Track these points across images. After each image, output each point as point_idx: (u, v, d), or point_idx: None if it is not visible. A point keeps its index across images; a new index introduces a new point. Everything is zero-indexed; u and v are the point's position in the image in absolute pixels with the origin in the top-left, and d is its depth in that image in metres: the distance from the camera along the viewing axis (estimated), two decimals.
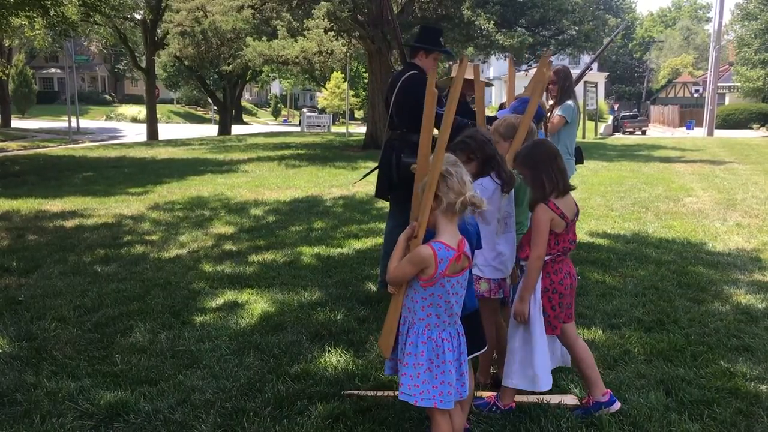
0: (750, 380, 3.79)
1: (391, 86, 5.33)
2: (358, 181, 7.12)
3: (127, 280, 5.88)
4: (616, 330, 4.60)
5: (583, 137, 28.63)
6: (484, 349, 3.22)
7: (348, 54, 22.63)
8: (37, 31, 24.51)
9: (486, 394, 3.58)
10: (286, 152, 20.45)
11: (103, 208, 9.75)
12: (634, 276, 5.96)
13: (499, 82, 61.23)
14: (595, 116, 35.75)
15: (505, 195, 3.52)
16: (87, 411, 3.46)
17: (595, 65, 41.77)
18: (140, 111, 48.02)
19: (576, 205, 3.44)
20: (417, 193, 2.90)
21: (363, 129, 33.93)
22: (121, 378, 3.83)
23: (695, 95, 62.78)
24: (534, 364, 3.30)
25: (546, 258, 3.30)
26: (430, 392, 2.76)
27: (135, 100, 61.21)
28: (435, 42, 5.30)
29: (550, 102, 6.26)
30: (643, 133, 43.55)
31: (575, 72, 7.15)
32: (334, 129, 41.17)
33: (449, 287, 2.74)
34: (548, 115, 6.12)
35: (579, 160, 6.68)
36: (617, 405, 3.41)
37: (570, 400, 3.54)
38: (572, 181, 7.10)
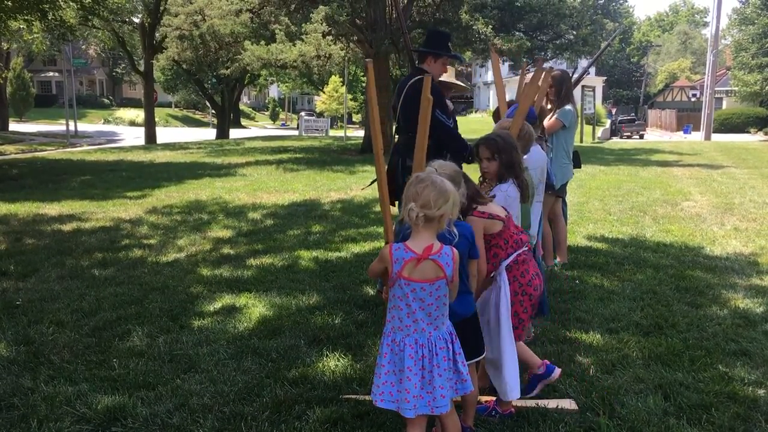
0: (748, 385, 3.80)
1: (398, 91, 5.34)
2: (367, 186, 7.07)
3: (124, 284, 5.87)
4: (614, 334, 4.60)
5: (581, 141, 28.69)
6: (482, 356, 3.21)
7: (346, 58, 22.65)
8: (35, 35, 24.53)
9: (484, 398, 3.58)
10: (284, 156, 20.47)
11: (101, 212, 9.74)
12: (632, 280, 5.96)
13: None
14: (593, 120, 35.79)
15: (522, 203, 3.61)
16: (84, 415, 3.45)
17: (592, 69, 41.86)
18: (138, 114, 48.00)
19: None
20: None
21: (361, 133, 33.96)
22: (119, 382, 3.83)
23: (693, 99, 62.94)
24: (504, 372, 3.30)
25: (508, 260, 3.33)
26: (394, 395, 2.77)
27: (133, 103, 61.17)
28: (444, 47, 5.30)
29: (548, 106, 6.27)
30: (641, 137, 43.60)
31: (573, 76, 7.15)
32: (332, 133, 41.21)
33: (408, 291, 2.72)
34: (549, 118, 6.15)
35: (577, 165, 6.70)
36: (557, 372, 3.52)
37: (568, 404, 3.54)
38: (570, 185, 7.16)
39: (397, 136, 5.50)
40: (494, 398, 3.49)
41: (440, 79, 6.19)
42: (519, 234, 3.43)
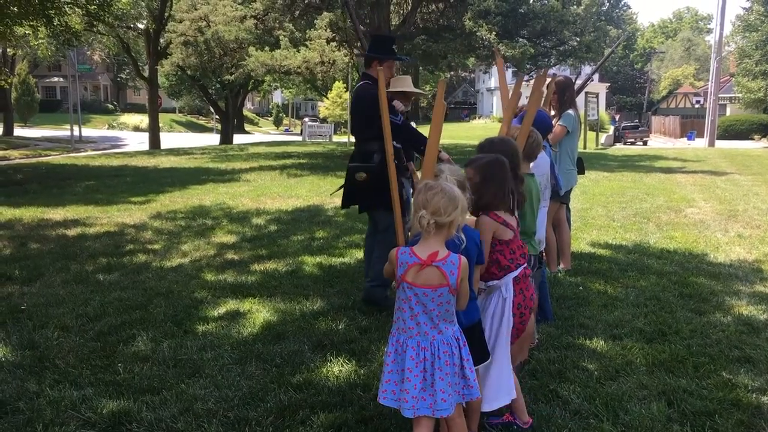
0: (752, 391, 3.80)
1: (351, 97, 5.42)
2: (334, 193, 6.88)
3: (129, 289, 5.89)
4: (617, 341, 4.61)
5: (585, 148, 28.66)
6: (487, 361, 3.21)
7: (350, 64, 22.70)
8: (40, 41, 24.67)
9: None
10: (288, 161, 20.49)
11: (106, 217, 9.77)
12: (635, 286, 5.96)
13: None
14: (596, 127, 35.81)
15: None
16: (90, 420, 3.46)
17: (596, 76, 41.91)
18: (142, 120, 48.18)
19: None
20: None
21: None
22: (124, 387, 3.84)
23: (696, 106, 62.92)
24: (492, 379, 3.29)
25: (517, 272, 3.34)
26: (396, 394, 2.81)
27: (137, 109, 61.39)
28: (387, 50, 5.33)
29: (552, 113, 6.29)
30: (645, 143, 43.63)
31: (577, 83, 7.17)
32: (335, 138, 41.24)
33: (411, 294, 2.76)
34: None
35: (580, 171, 6.71)
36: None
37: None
38: (574, 192, 7.16)
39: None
40: (509, 411, 3.45)
41: (396, 89, 6.28)
42: (524, 247, 3.45)
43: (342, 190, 5.51)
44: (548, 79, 6.37)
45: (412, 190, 6.20)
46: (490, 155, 3.48)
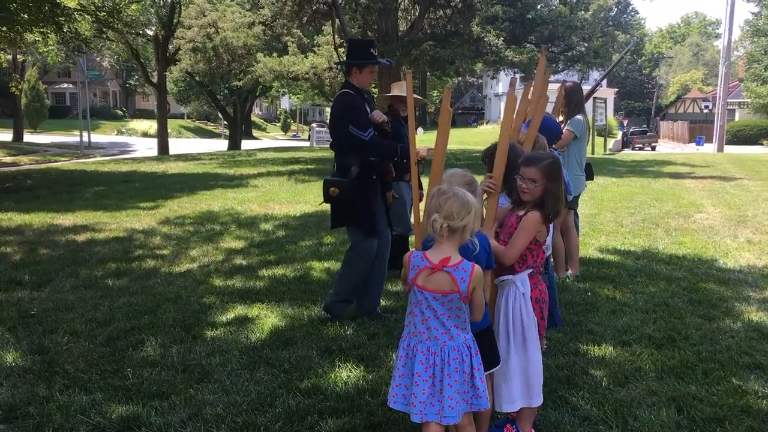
0: (762, 398, 3.77)
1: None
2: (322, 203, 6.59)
3: (138, 294, 5.92)
4: (626, 347, 4.59)
5: (593, 153, 28.60)
6: (498, 366, 3.19)
7: None
8: (50, 47, 24.81)
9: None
10: (296, 167, 20.53)
11: (114, 223, 9.82)
12: (644, 292, 5.94)
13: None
14: (605, 132, 35.72)
15: None
16: (99, 424, 3.47)
17: (604, 81, 41.84)
18: (151, 126, 48.39)
19: None
20: None
21: None
22: (133, 392, 3.85)
23: (705, 111, 62.68)
24: (531, 378, 3.28)
25: (531, 270, 3.32)
26: (407, 398, 2.81)
27: (146, 114, 61.75)
28: (365, 55, 5.14)
29: (560, 118, 6.29)
30: (653, 148, 43.45)
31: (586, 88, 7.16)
32: None
33: (421, 298, 2.77)
34: None
35: (589, 176, 6.70)
36: None
37: None
38: (582, 197, 7.14)
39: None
40: (508, 422, 3.42)
41: (394, 93, 6.23)
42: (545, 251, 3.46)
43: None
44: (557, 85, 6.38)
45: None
46: (545, 154, 3.47)
